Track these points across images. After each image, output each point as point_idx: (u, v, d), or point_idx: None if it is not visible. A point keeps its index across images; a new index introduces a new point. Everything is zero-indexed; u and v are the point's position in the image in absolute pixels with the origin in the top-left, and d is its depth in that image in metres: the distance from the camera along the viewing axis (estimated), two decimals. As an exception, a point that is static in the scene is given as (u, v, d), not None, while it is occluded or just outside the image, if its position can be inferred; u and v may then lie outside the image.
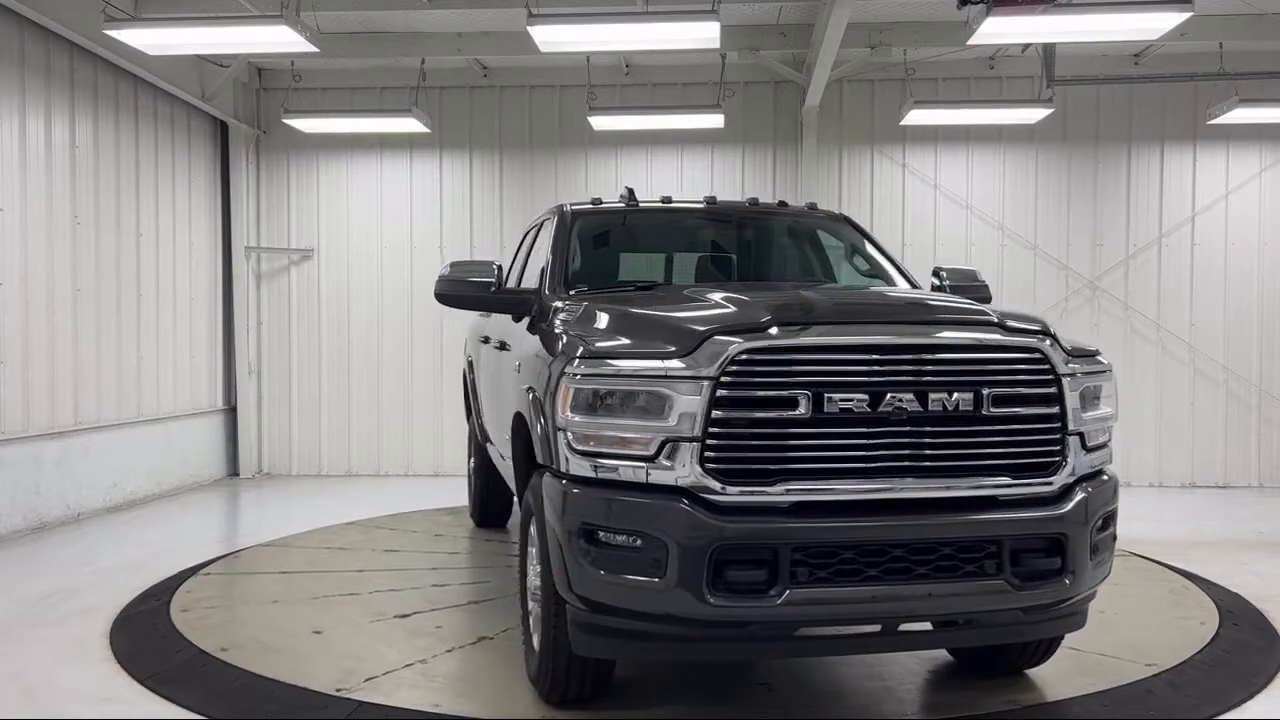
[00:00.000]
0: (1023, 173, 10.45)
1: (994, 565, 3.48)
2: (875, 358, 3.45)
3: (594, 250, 5.42)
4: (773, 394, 3.37)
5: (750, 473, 3.38)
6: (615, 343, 3.68)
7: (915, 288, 5.15)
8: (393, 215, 10.77)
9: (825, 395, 3.37)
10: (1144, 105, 10.26)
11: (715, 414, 3.35)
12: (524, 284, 5.71)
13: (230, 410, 10.77)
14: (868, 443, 3.42)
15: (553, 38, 7.47)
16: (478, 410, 7.12)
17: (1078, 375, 3.68)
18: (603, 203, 5.68)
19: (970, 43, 7.45)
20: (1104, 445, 3.86)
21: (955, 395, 3.45)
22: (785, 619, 3.39)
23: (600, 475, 3.50)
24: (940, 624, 3.70)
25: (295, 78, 10.30)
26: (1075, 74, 9.64)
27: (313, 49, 7.58)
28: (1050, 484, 3.58)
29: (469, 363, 7.44)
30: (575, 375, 3.55)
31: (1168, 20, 7.01)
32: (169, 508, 8.96)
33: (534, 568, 4.12)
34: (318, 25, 8.10)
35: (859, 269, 5.58)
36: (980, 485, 3.51)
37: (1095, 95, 10.21)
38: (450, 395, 10.02)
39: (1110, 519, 3.82)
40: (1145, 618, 5.46)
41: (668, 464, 3.38)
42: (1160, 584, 6.20)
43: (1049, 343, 3.63)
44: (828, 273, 5.65)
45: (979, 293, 4.97)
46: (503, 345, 5.37)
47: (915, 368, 3.46)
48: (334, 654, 4.79)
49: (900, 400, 3.41)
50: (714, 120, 9.52)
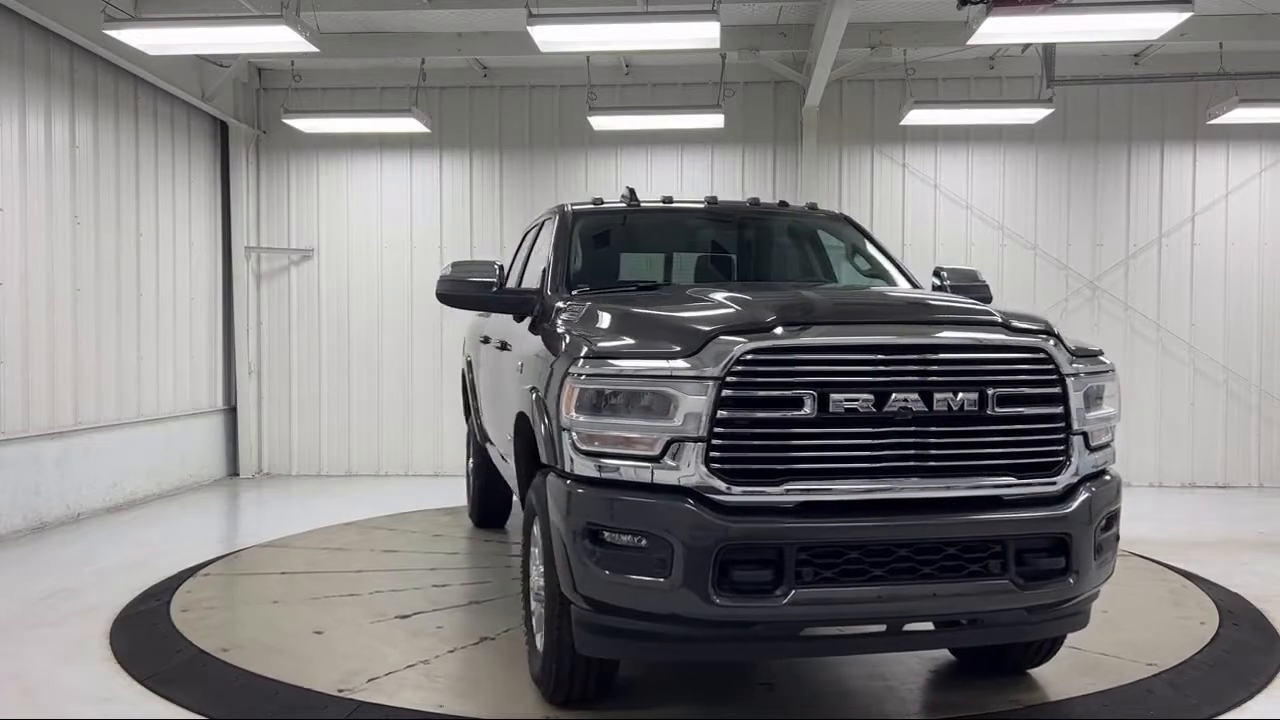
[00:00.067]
0: (1023, 173, 10.45)
1: (999, 565, 3.48)
2: (881, 358, 3.44)
3: (595, 250, 5.41)
4: (778, 394, 3.37)
5: (755, 473, 3.38)
6: (619, 343, 3.68)
7: (916, 288, 5.15)
8: (393, 215, 10.76)
9: (830, 395, 3.37)
10: (1144, 105, 10.26)
11: (720, 414, 3.35)
12: (524, 284, 5.70)
13: (230, 410, 10.76)
14: (873, 443, 3.42)
15: (553, 38, 7.47)
16: (477, 410, 7.11)
17: (1081, 375, 3.68)
18: (604, 203, 5.68)
19: (970, 43, 7.46)
20: (1107, 445, 3.87)
21: (960, 395, 3.45)
22: (791, 619, 3.39)
23: (605, 475, 3.50)
24: (944, 624, 3.70)
25: (295, 78, 10.29)
26: (1075, 74, 9.65)
27: (313, 49, 7.58)
28: (1054, 484, 3.58)
29: (467, 363, 7.43)
30: (580, 375, 3.55)
31: (1168, 20, 7.01)
32: (169, 508, 8.95)
33: (537, 568, 4.11)
34: (318, 25, 8.10)
35: (860, 269, 5.58)
36: (985, 485, 3.51)
37: (1095, 95, 10.22)
38: (450, 395, 10.01)
39: (1113, 518, 3.83)
40: (1145, 617, 5.46)
41: (673, 464, 3.38)
42: (1160, 584, 6.21)
43: (1053, 343, 3.63)
44: (828, 273, 5.65)
45: (980, 293, 4.97)
46: (504, 345, 5.36)
47: (921, 368, 3.46)
48: (336, 654, 4.79)
49: (906, 400, 3.41)
50: (714, 120, 9.52)
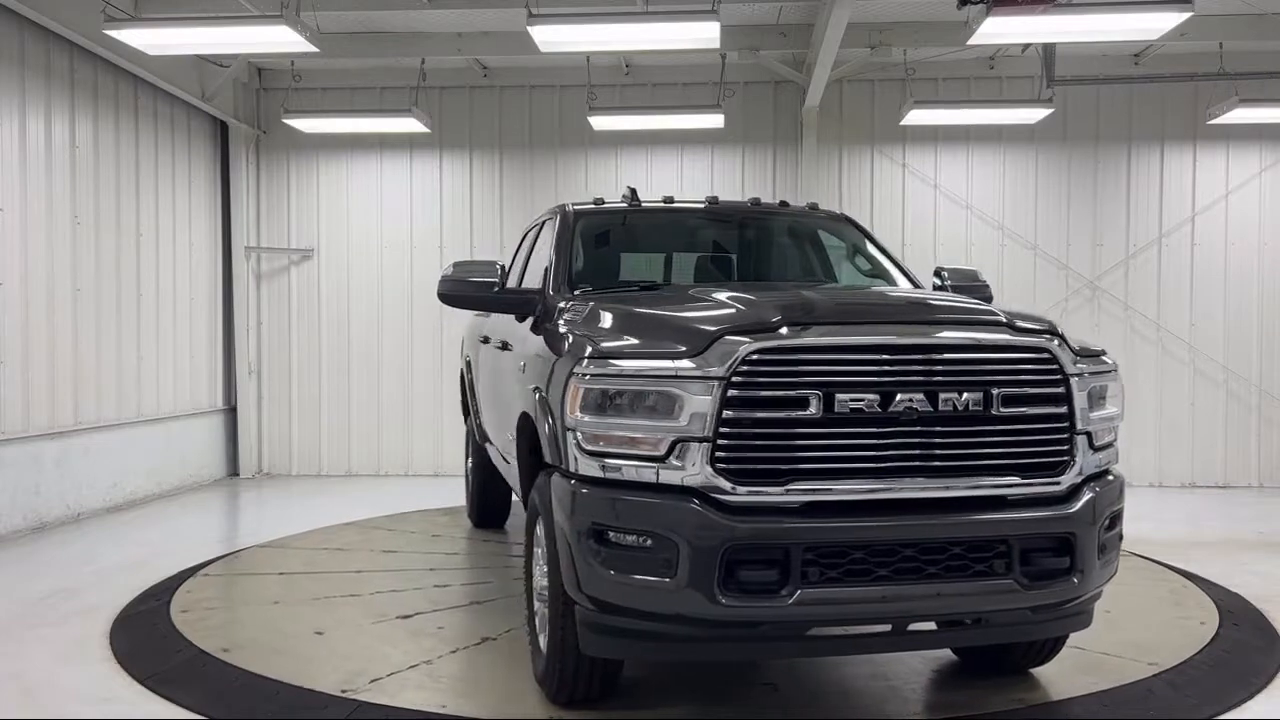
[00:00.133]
0: (1023, 173, 10.45)
1: (1003, 565, 3.48)
2: (886, 358, 3.45)
3: (597, 250, 5.41)
4: (783, 394, 3.37)
5: (761, 473, 3.38)
6: (624, 343, 3.68)
7: (918, 288, 5.15)
8: (393, 215, 10.76)
9: (836, 395, 3.37)
10: (1144, 105, 10.27)
11: (726, 414, 3.35)
12: (525, 284, 5.70)
13: (230, 410, 10.75)
14: (878, 443, 3.41)
15: (553, 38, 7.46)
16: (476, 410, 7.10)
17: (1085, 375, 3.68)
18: (605, 203, 5.68)
19: (970, 43, 7.46)
20: (1110, 445, 3.87)
21: (965, 395, 3.45)
22: (797, 619, 3.39)
23: (610, 475, 3.50)
24: (949, 623, 3.71)
25: (295, 78, 10.28)
26: (1075, 74, 9.65)
27: (313, 49, 7.57)
28: (1058, 484, 3.58)
29: (467, 363, 7.42)
30: (585, 375, 3.54)
31: (1168, 20, 7.02)
32: (169, 508, 8.94)
33: (540, 568, 4.11)
34: (318, 25, 8.09)
35: (861, 269, 5.58)
36: (989, 485, 3.51)
37: (1095, 95, 10.22)
38: (450, 395, 10.00)
39: (1117, 518, 3.83)
40: (1146, 617, 5.46)
41: (678, 464, 3.38)
42: (1160, 584, 6.21)
43: (1057, 343, 3.64)
44: (829, 273, 5.65)
45: (980, 293, 4.98)
46: (505, 345, 5.35)
47: (926, 367, 3.46)
48: (337, 655, 4.78)
49: (911, 400, 3.41)
50: (714, 120, 9.52)
